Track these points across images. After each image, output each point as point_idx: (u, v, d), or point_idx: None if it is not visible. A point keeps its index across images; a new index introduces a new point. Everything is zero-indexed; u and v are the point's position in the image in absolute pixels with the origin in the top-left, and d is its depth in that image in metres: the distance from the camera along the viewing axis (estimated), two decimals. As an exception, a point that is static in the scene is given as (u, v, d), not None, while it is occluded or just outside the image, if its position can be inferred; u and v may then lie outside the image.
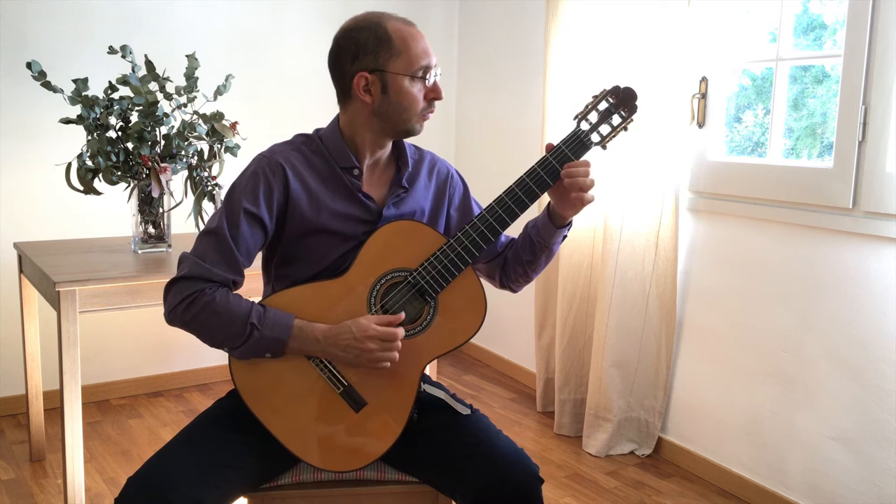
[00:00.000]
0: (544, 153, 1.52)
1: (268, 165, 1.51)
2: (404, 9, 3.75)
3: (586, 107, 1.53)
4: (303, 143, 1.57)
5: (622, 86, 1.53)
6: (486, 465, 1.45)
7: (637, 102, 1.53)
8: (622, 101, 1.52)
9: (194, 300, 1.43)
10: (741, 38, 2.58)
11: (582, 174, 1.48)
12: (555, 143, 1.52)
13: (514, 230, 1.68)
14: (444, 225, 1.68)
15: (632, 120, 1.53)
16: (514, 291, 1.72)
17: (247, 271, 1.52)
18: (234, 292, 1.49)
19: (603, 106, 1.52)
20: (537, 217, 1.62)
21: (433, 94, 1.52)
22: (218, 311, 1.42)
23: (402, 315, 1.47)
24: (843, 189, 2.22)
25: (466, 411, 1.56)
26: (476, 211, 1.71)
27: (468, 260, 1.49)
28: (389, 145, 1.60)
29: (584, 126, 1.52)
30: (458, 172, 1.73)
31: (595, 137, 1.52)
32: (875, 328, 2.16)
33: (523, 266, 1.65)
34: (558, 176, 1.50)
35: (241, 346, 1.43)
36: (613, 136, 1.53)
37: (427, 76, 1.50)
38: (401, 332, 1.46)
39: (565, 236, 1.62)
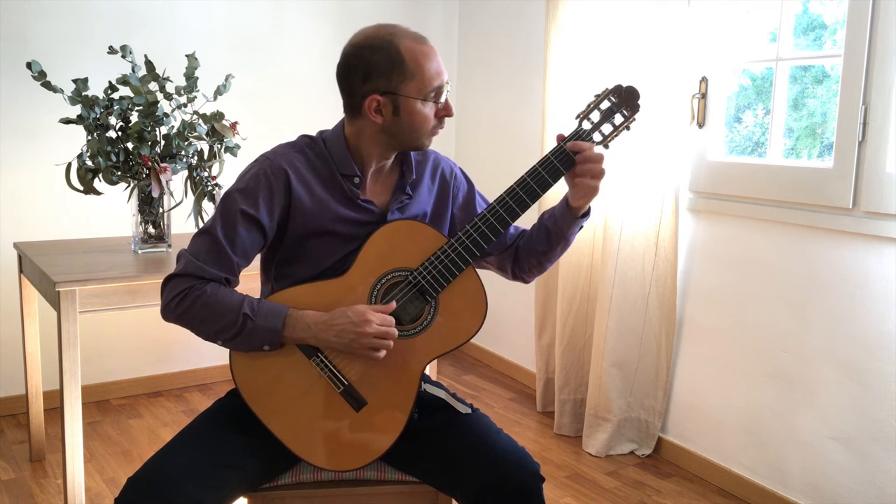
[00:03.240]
0: (545, 152, 1.52)
1: (270, 168, 1.50)
2: (404, 9, 3.75)
3: (588, 106, 1.53)
4: (306, 145, 1.56)
5: (625, 85, 1.53)
6: (486, 464, 1.45)
7: (639, 102, 1.52)
8: (624, 100, 1.52)
9: (186, 295, 1.44)
10: (741, 38, 2.58)
11: (594, 159, 1.49)
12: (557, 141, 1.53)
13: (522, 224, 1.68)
14: (450, 224, 1.68)
15: (634, 119, 1.53)
16: (527, 282, 1.72)
17: (244, 271, 1.52)
18: (230, 289, 1.49)
19: (605, 105, 1.52)
20: (554, 207, 1.61)
21: (444, 113, 1.51)
22: (209, 304, 1.43)
23: (394, 304, 1.48)
24: (843, 189, 2.22)
25: (467, 410, 1.56)
26: (481, 208, 1.70)
27: (469, 259, 1.49)
28: (394, 155, 1.60)
29: (586, 125, 1.52)
30: (462, 171, 1.72)
31: (597, 136, 1.53)
32: (875, 328, 2.16)
33: (538, 257, 1.64)
34: (560, 176, 1.50)
35: (235, 337, 1.43)
36: (615, 136, 1.54)
37: (439, 97, 1.49)
38: (392, 319, 1.46)
39: (582, 226, 1.61)
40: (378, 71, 1.45)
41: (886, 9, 2.09)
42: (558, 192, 1.65)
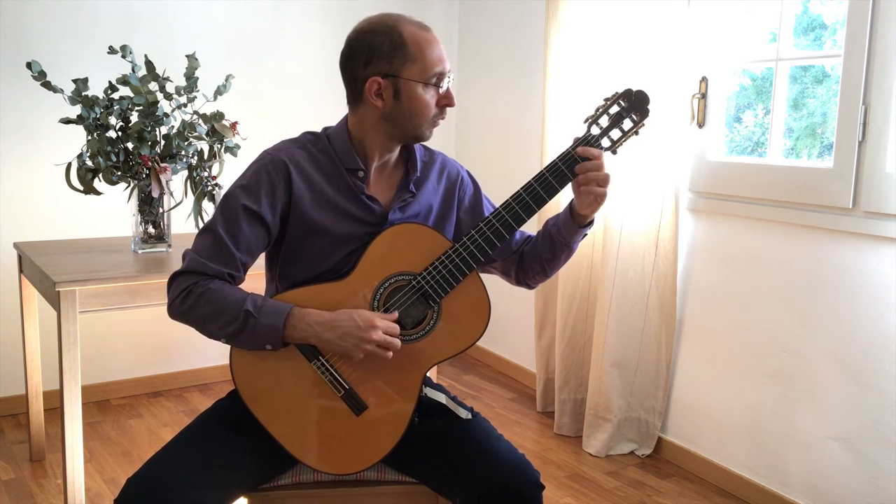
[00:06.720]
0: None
1: (271, 163, 1.50)
2: (404, 9, 3.75)
3: (597, 110, 1.51)
4: (309, 142, 1.56)
5: (634, 89, 1.50)
6: (486, 471, 1.44)
7: (649, 107, 1.50)
8: (634, 105, 1.50)
9: (190, 292, 1.44)
10: (741, 38, 2.58)
11: (594, 168, 1.47)
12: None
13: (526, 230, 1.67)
14: (455, 227, 1.66)
15: (643, 124, 1.51)
16: (531, 287, 1.71)
17: (248, 271, 1.52)
18: (234, 286, 1.48)
19: (614, 110, 1.50)
20: (558, 215, 1.60)
21: (445, 101, 1.50)
22: (211, 301, 1.42)
23: (396, 314, 1.47)
24: (843, 189, 2.22)
25: (467, 415, 1.55)
26: (488, 211, 1.69)
27: (473, 265, 1.48)
28: (398, 149, 1.58)
29: (595, 130, 1.50)
30: (469, 174, 1.71)
31: (605, 142, 1.51)
32: (875, 328, 2.16)
33: (542, 264, 1.63)
34: (567, 181, 1.49)
35: (237, 335, 1.42)
36: (624, 141, 1.51)
37: (440, 83, 1.49)
38: (397, 329, 1.45)
39: (586, 234, 1.61)
40: (380, 53, 1.45)
41: (886, 9, 2.09)
42: (562, 199, 1.65)
